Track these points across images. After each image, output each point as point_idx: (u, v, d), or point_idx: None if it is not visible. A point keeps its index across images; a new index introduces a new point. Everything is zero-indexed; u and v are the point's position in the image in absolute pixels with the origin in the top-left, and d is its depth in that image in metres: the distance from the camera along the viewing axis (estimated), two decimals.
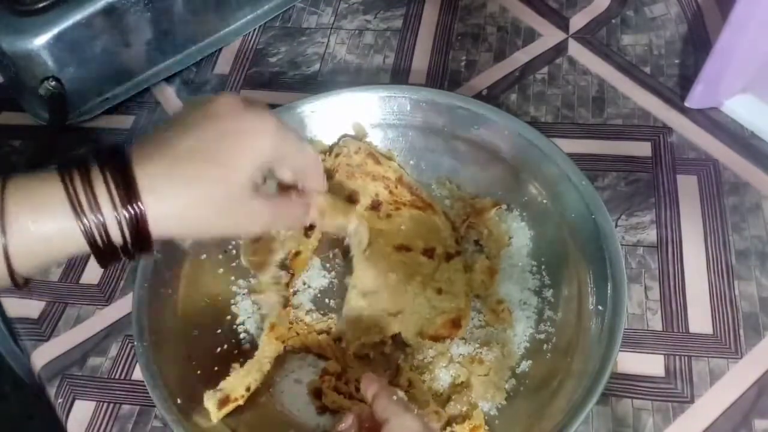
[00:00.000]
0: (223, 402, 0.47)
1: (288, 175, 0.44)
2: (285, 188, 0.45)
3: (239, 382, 0.48)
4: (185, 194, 0.38)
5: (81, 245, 0.36)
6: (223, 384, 0.48)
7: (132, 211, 0.36)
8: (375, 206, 0.57)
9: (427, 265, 0.54)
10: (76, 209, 0.35)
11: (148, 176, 0.37)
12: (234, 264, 0.56)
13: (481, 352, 0.50)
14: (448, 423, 0.47)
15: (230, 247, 0.56)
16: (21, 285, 0.37)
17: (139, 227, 0.37)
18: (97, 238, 0.36)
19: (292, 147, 0.42)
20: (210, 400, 0.47)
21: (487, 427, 0.47)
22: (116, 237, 0.37)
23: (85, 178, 0.36)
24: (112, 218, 0.36)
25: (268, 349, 0.50)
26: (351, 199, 0.57)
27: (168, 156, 0.38)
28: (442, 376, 0.49)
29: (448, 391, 0.49)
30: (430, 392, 0.49)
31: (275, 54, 0.73)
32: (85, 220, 0.36)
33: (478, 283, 0.53)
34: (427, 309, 0.52)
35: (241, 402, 0.48)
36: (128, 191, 0.36)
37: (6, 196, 0.35)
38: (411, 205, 0.57)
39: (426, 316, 0.52)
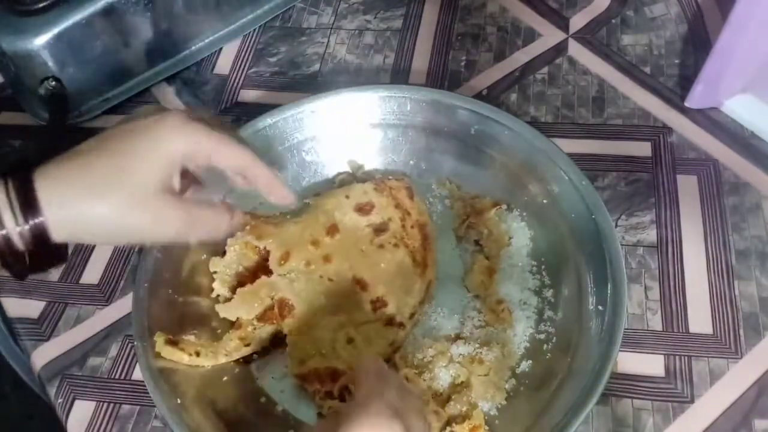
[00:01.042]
0: (172, 342, 0.50)
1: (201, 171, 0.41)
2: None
3: (191, 347, 0.50)
4: (85, 198, 0.37)
5: None
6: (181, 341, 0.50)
7: (32, 223, 0.36)
8: (380, 229, 0.54)
9: (361, 313, 0.51)
10: None
11: (50, 184, 0.36)
12: None
13: (481, 352, 0.50)
14: (448, 423, 0.47)
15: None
16: None
17: (42, 238, 0.36)
18: (4, 252, 0.36)
19: (210, 141, 0.40)
20: (161, 337, 0.50)
21: (487, 427, 0.47)
22: (21, 248, 0.36)
23: None
24: (14, 232, 0.36)
25: (230, 345, 0.51)
26: (361, 208, 0.55)
27: (72, 161, 0.37)
28: (442, 376, 0.49)
29: (447, 391, 0.49)
30: (430, 392, 0.49)
31: (275, 54, 0.73)
32: None
33: (477, 282, 0.53)
34: (327, 347, 0.50)
35: (186, 358, 0.50)
36: (27, 203, 0.36)
37: None
38: (410, 251, 0.54)
39: (321, 351, 0.50)
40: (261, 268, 0.54)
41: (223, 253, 0.55)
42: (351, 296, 0.52)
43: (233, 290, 0.53)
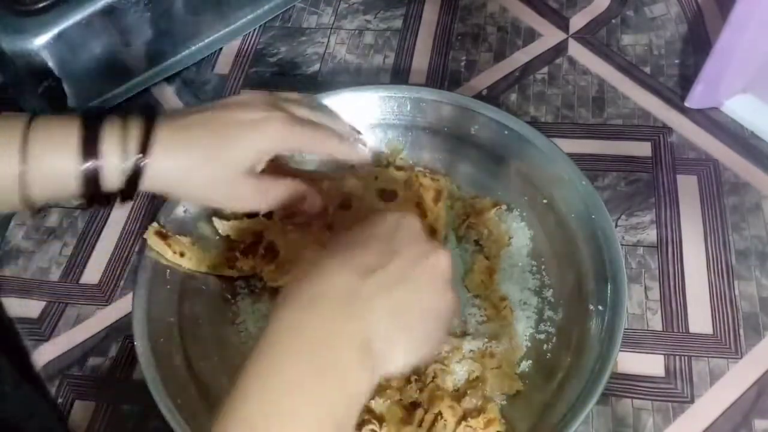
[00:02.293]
0: (162, 236, 0.53)
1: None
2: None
3: (178, 246, 0.53)
4: (187, 156, 0.42)
5: (79, 186, 0.40)
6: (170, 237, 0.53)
7: (135, 163, 0.41)
8: (389, 197, 0.55)
9: None
10: (83, 153, 0.40)
11: (163, 138, 0.41)
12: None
13: (490, 346, 0.50)
14: (464, 417, 0.47)
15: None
16: (34, 211, 0.41)
17: (134, 179, 0.41)
18: (92, 183, 0.40)
19: (303, 140, 0.46)
20: (153, 228, 0.53)
21: (502, 420, 0.47)
22: (110, 184, 0.41)
23: (101, 127, 0.40)
24: (113, 167, 0.40)
25: (215, 259, 0.54)
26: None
27: (185, 122, 0.43)
28: (458, 371, 0.49)
29: (464, 386, 0.49)
30: (450, 387, 0.49)
31: (275, 54, 0.73)
32: (87, 165, 0.40)
33: (478, 282, 0.53)
34: None
35: (169, 254, 0.52)
36: (142, 146, 0.41)
37: (30, 130, 0.39)
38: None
39: None
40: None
41: None
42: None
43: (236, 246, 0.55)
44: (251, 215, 0.55)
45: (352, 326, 0.34)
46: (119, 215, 0.62)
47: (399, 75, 0.69)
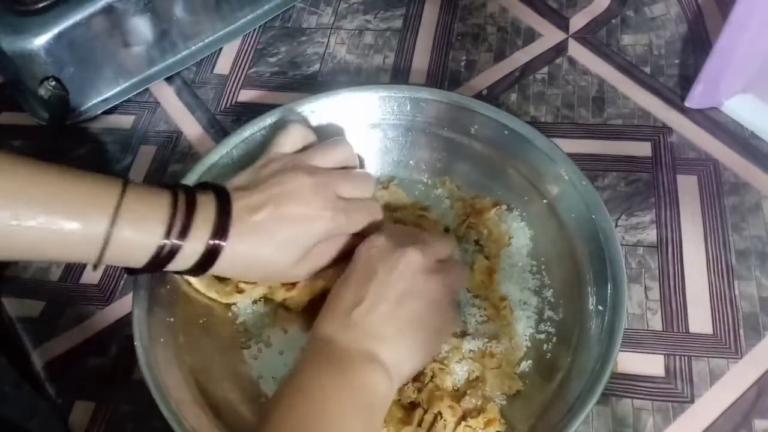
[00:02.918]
0: None
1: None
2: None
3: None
4: (257, 246, 0.45)
5: (146, 257, 0.42)
6: None
7: (215, 244, 0.43)
8: None
9: None
10: (168, 232, 0.42)
11: (239, 216, 0.44)
12: None
13: (490, 346, 0.50)
14: (463, 417, 0.47)
15: None
16: (95, 268, 0.43)
17: (210, 259, 0.44)
18: (165, 258, 0.42)
19: (350, 226, 0.49)
20: None
21: (502, 420, 0.47)
22: (182, 262, 0.43)
23: (190, 206, 0.43)
24: (192, 246, 0.42)
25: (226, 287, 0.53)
26: None
27: (253, 205, 0.45)
28: (458, 371, 0.49)
29: (463, 387, 0.49)
30: (449, 387, 0.49)
31: (275, 54, 0.73)
32: (167, 242, 0.42)
33: (478, 283, 0.53)
34: None
35: None
36: (224, 224, 0.43)
37: (124, 196, 0.41)
38: None
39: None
40: None
41: None
42: None
43: None
44: None
45: (360, 346, 0.42)
46: None
47: (399, 75, 0.69)
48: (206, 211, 0.43)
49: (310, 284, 0.52)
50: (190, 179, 0.56)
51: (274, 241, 0.45)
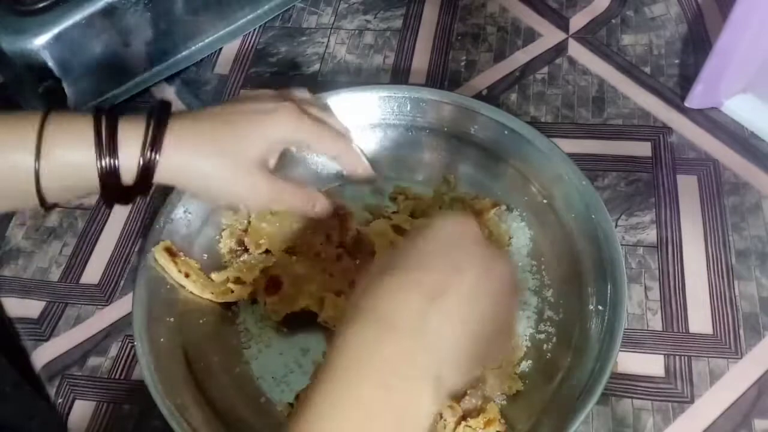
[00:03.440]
0: (171, 253, 0.53)
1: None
2: None
3: (184, 266, 0.53)
4: (199, 154, 0.43)
5: (94, 180, 0.42)
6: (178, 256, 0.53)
7: (147, 158, 0.42)
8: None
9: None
10: (99, 149, 0.41)
11: (178, 131, 0.43)
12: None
13: None
14: (463, 417, 0.47)
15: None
16: (47, 208, 0.43)
17: (148, 173, 0.42)
18: (111, 178, 0.42)
19: (313, 134, 0.47)
20: (164, 243, 0.53)
21: (502, 421, 0.47)
22: (127, 178, 0.42)
23: (115, 124, 0.42)
24: (127, 162, 0.42)
25: (219, 287, 0.53)
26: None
27: (195, 119, 0.44)
28: None
29: (464, 387, 0.49)
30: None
31: (275, 54, 0.73)
32: (103, 161, 0.41)
33: None
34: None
35: (174, 272, 0.52)
36: (153, 142, 0.42)
37: (45, 126, 0.40)
38: None
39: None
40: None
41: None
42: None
43: (240, 243, 0.55)
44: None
45: (425, 359, 0.33)
46: (119, 215, 0.62)
47: (399, 75, 0.69)
48: (133, 125, 0.42)
49: (291, 297, 0.52)
50: None
51: (219, 146, 0.44)
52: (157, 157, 0.42)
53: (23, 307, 0.58)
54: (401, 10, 0.74)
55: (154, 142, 0.42)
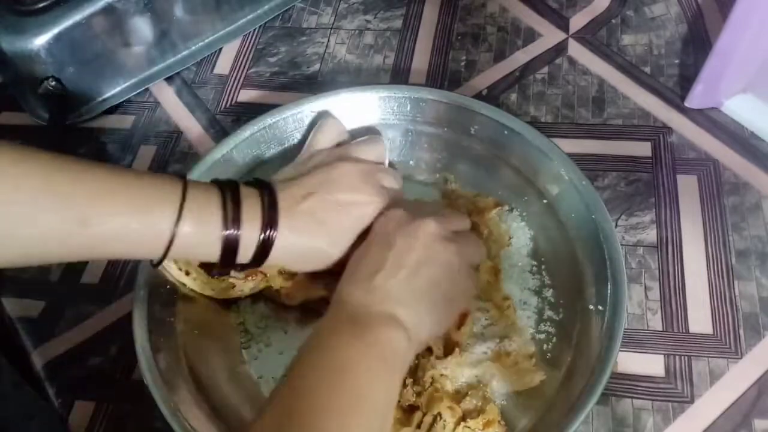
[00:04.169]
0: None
1: None
2: None
3: (185, 264, 0.53)
4: (309, 235, 0.46)
5: (214, 253, 0.44)
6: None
7: (267, 234, 0.44)
8: None
9: None
10: (226, 223, 0.43)
11: (286, 205, 0.46)
12: None
13: (503, 345, 0.50)
14: (463, 418, 0.47)
15: None
16: (156, 266, 0.45)
17: (265, 249, 0.45)
18: (230, 251, 0.44)
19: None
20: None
21: (502, 422, 0.47)
22: (243, 254, 0.44)
23: (236, 197, 0.44)
24: (248, 237, 0.44)
25: (221, 284, 0.53)
26: None
27: (300, 195, 0.46)
28: (462, 378, 0.49)
29: (464, 388, 0.49)
30: (450, 389, 0.49)
31: (275, 54, 0.73)
32: (228, 232, 0.43)
33: (483, 283, 0.53)
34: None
35: (175, 270, 0.52)
36: (272, 214, 0.45)
37: (185, 196, 0.42)
38: None
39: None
40: None
41: None
42: None
43: None
44: None
45: (380, 308, 0.43)
46: None
47: (399, 75, 0.69)
48: (251, 202, 0.45)
49: (308, 285, 0.52)
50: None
51: (326, 230, 0.46)
52: (275, 234, 0.44)
53: (23, 307, 0.58)
54: (401, 10, 0.74)
55: (272, 220, 0.45)
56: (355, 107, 0.59)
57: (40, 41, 0.61)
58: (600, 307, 0.49)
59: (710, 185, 0.58)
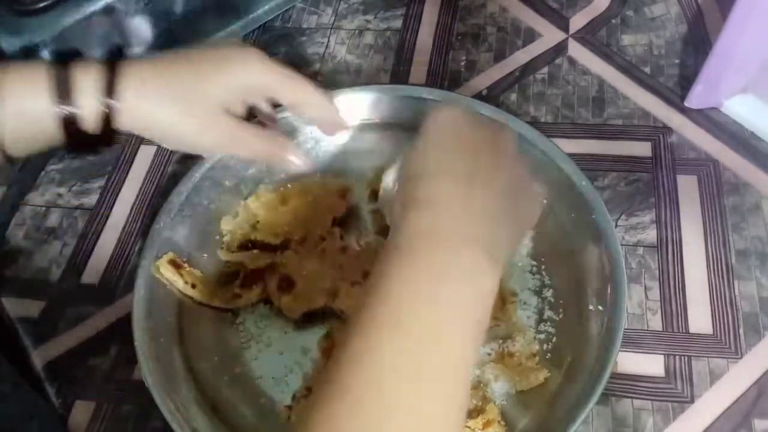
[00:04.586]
0: (176, 265, 0.53)
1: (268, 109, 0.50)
2: None
3: (190, 277, 0.53)
4: (158, 93, 0.43)
5: (55, 130, 0.41)
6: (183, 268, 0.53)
7: (105, 104, 0.41)
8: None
9: None
10: (56, 97, 0.41)
11: (133, 76, 0.42)
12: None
13: (506, 346, 0.50)
14: None
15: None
16: (7, 160, 0.42)
17: (109, 119, 0.42)
18: (70, 125, 0.41)
19: (278, 77, 0.46)
20: (168, 256, 0.53)
21: (502, 422, 0.47)
22: (89, 126, 0.42)
23: (69, 70, 0.42)
24: (86, 109, 0.41)
25: (226, 294, 0.54)
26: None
27: (156, 63, 0.44)
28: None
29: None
30: None
31: (275, 54, 0.72)
32: (61, 108, 0.41)
33: None
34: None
35: (180, 284, 0.53)
36: (109, 88, 0.42)
37: (2, 77, 0.40)
38: None
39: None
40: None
41: (236, 215, 0.57)
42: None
43: (242, 247, 0.56)
44: (267, 248, 0.55)
45: (465, 231, 0.36)
46: (119, 215, 0.62)
47: (399, 75, 0.69)
48: (87, 72, 0.42)
49: (308, 297, 0.52)
50: (191, 180, 0.56)
51: (177, 87, 0.43)
52: (116, 103, 0.42)
53: (23, 307, 0.58)
54: (401, 10, 0.74)
55: (111, 88, 0.42)
56: (355, 107, 0.59)
57: (40, 41, 0.61)
58: (600, 307, 0.49)
59: (710, 185, 0.58)
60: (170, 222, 0.55)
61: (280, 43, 0.73)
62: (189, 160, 0.65)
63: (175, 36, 0.69)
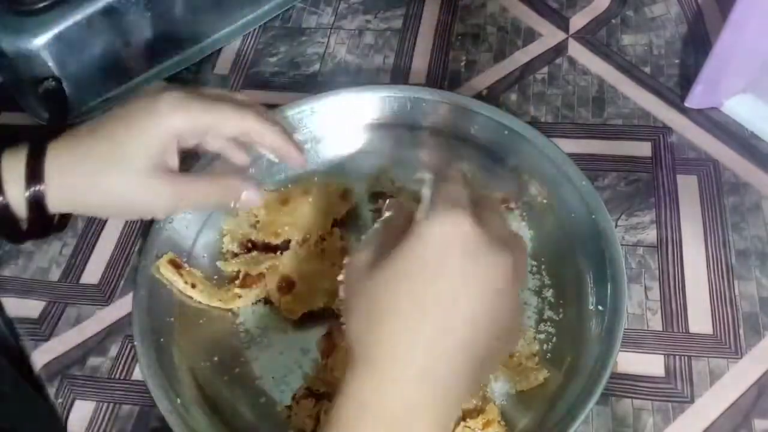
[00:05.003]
0: (176, 265, 0.53)
1: (216, 144, 0.46)
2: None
3: (190, 277, 0.53)
4: (83, 170, 0.40)
5: None
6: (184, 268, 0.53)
7: (32, 191, 0.40)
8: None
9: None
10: None
11: (55, 152, 0.40)
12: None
13: None
14: (462, 418, 0.47)
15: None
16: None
17: (39, 206, 0.40)
18: (4, 215, 0.40)
19: (207, 114, 0.42)
20: (168, 256, 0.53)
21: (502, 422, 0.47)
22: (23, 215, 0.41)
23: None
24: (15, 199, 0.40)
25: (226, 294, 0.53)
26: None
27: (75, 136, 0.41)
28: None
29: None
30: None
31: (275, 54, 0.72)
32: None
33: None
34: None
35: (180, 284, 0.52)
36: (33, 173, 0.40)
37: None
38: None
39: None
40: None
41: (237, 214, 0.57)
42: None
43: (243, 247, 0.55)
44: (267, 248, 0.55)
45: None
46: None
47: (399, 75, 0.69)
48: (17, 159, 0.40)
49: (308, 298, 0.52)
50: None
51: (99, 159, 0.40)
52: (41, 187, 0.40)
53: (23, 307, 0.58)
54: (401, 10, 0.74)
55: (34, 173, 0.40)
56: (355, 107, 0.59)
57: (40, 41, 0.61)
58: (600, 307, 0.49)
59: (710, 185, 0.58)
60: (170, 222, 0.55)
61: (280, 43, 0.73)
62: (189, 160, 0.65)
63: (175, 36, 0.69)
